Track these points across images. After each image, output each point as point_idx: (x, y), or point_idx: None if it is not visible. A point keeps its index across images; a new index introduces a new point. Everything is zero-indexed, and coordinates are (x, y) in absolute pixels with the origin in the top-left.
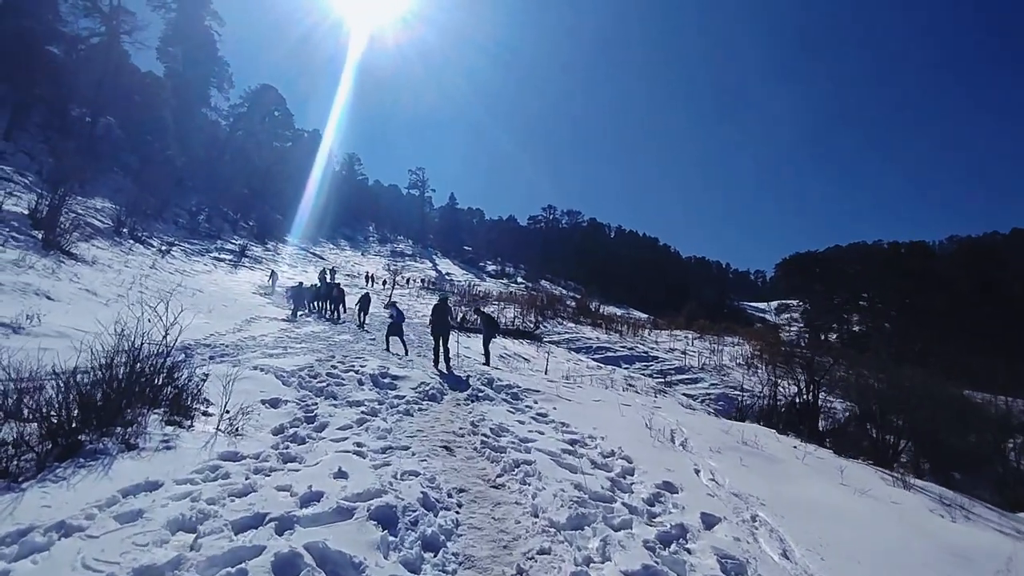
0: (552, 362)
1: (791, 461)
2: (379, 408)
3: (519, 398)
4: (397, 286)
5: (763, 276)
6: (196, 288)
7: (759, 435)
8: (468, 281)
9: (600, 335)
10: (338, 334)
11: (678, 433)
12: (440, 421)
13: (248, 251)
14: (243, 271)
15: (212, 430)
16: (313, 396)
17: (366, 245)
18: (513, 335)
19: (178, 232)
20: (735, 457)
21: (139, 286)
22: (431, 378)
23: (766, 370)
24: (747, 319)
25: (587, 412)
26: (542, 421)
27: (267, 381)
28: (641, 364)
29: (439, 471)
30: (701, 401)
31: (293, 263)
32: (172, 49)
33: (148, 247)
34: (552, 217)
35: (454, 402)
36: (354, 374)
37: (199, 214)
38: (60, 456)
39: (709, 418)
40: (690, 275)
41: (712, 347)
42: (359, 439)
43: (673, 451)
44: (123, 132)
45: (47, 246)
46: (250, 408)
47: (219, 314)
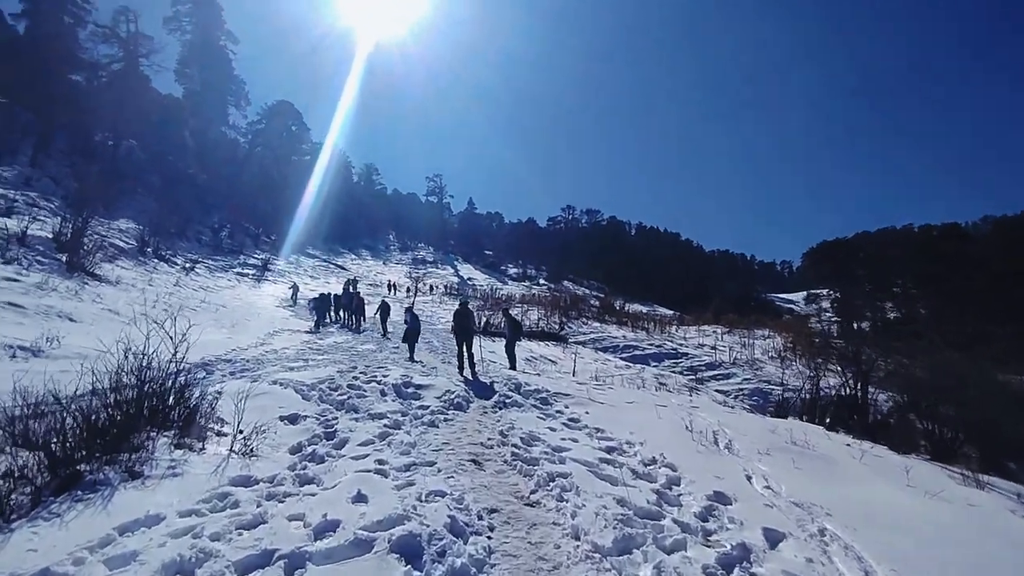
0: (579, 363)
1: (848, 461)
2: (402, 420)
3: (549, 403)
4: (420, 293)
5: (789, 267)
6: (219, 303)
7: (808, 433)
8: (490, 285)
9: (626, 333)
10: (361, 344)
11: (721, 434)
12: (467, 431)
13: (270, 265)
14: (266, 285)
15: (225, 452)
16: (333, 410)
17: (387, 254)
18: (538, 337)
19: (201, 249)
20: (786, 459)
21: (163, 304)
22: (456, 386)
23: (801, 362)
24: (775, 311)
25: (622, 415)
26: (575, 427)
27: (286, 396)
28: (670, 361)
29: (467, 489)
30: (734, 397)
31: (315, 275)
32: (189, 70)
33: (172, 265)
34: (571, 217)
35: (481, 410)
36: (376, 385)
37: (221, 230)
38: (58, 489)
39: (751, 416)
40: (714, 269)
41: (742, 341)
42: (381, 455)
43: (719, 455)
44: (145, 154)
45: (71, 268)
46: (266, 426)
47: (242, 328)
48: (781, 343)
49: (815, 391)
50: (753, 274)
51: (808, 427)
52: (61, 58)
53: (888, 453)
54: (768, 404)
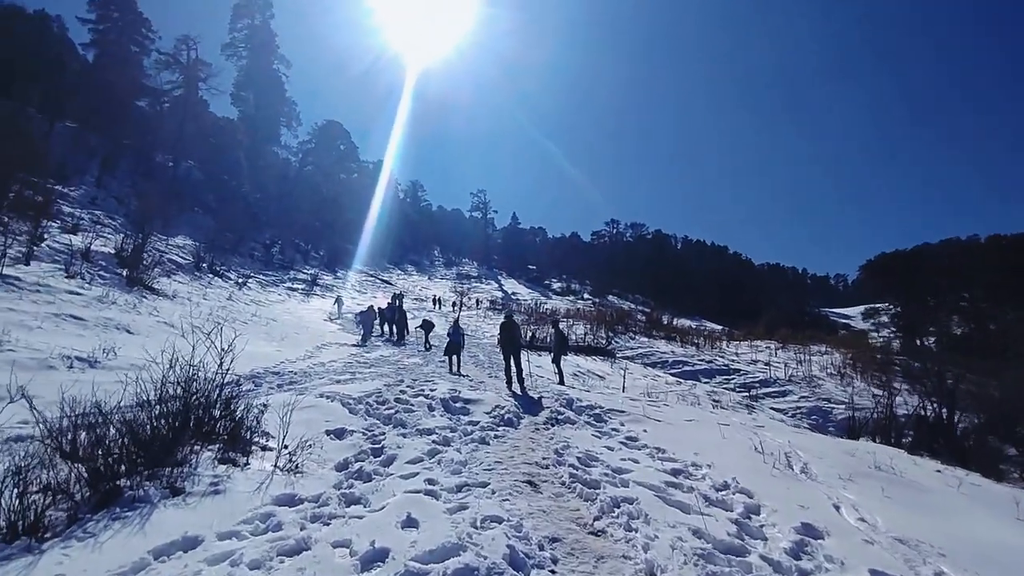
0: (629, 379)
1: (943, 490)
2: (451, 436)
3: (603, 420)
4: (464, 308)
5: (844, 281)
6: (270, 317)
7: (891, 457)
8: (534, 299)
9: (675, 349)
10: (407, 357)
11: (794, 457)
12: (519, 450)
13: (319, 280)
14: (315, 299)
15: (269, 468)
16: (381, 424)
17: (432, 269)
18: (584, 352)
19: (253, 265)
20: (874, 487)
21: (215, 317)
22: (505, 401)
23: (863, 380)
24: (830, 326)
25: (682, 434)
26: (633, 446)
27: (333, 409)
28: (722, 378)
29: (525, 514)
30: (791, 415)
31: (362, 289)
32: (244, 93)
33: (226, 280)
34: (616, 231)
35: (532, 427)
36: (424, 399)
37: (272, 247)
38: (97, 505)
39: (822, 437)
40: (764, 283)
41: (798, 357)
42: (431, 474)
43: (796, 480)
44: (202, 174)
45: (130, 283)
46: (313, 440)
47: (291, 341)
48: (840, 359)
49: (889, 411)
50: (805, 288)
51: (888, 450)
52: (127, 84)
53: (985, 481)
54: (828, 423)
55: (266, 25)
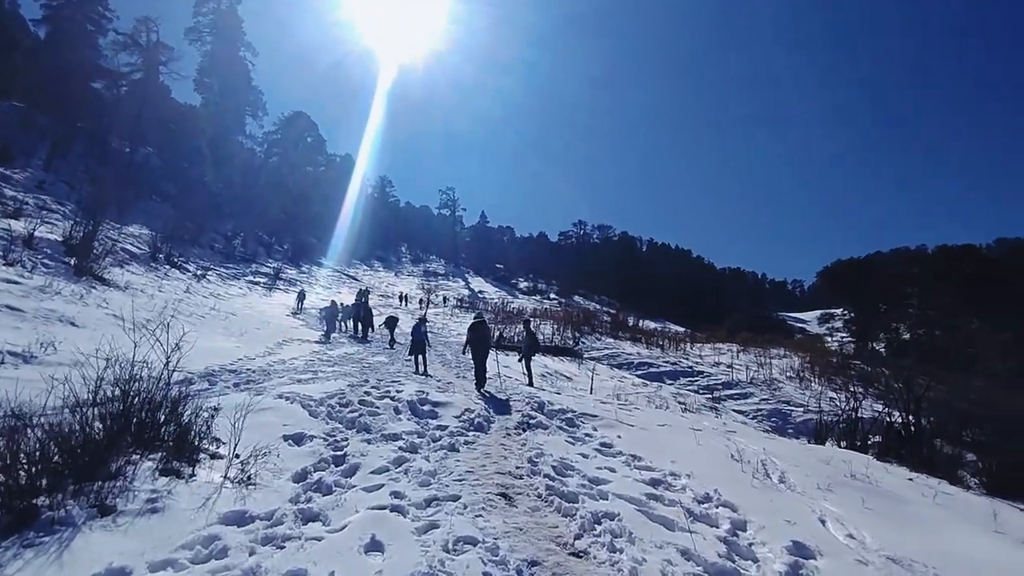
0: (596, 380)
1: (919, 501)
2: (419, 443)
3: (576, 424)
4: (431, 305)
5: (801, 286)
6: (229, 311)
7: (866, 465)
8: (501, 298)
9: (641, 350)
10: (372, 355)
11: (771, 465)
12: (491, 457)
13: (282, 274)
14: (278, 294)
15: (218, 479)
16: (344, 429)
17: (399, 266)
18: (552, 352)
19: (214, 257)
20: (853, 497)
21: (171, 310)
22: (475, 404)
23: (820, 383)
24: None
25: (657, 440)
26: (609, 453)
27: (292, 412)
28: (686, 380)
29: (500, 533)
30: (753, 417)
31: (327, 285)
32: (208, 80)
33: (184, 272)
34: (583, 232)
35: (503, 431)
36: (390, 401)
37: (234, 239)
38: (7, 529)
39: (796, 444)
40: (726, 286)
41: (758, 360)
42: (397, 486)
43: (778, 491)
44: (161, 161)
45: (79, 272)
46: (269, 447)
47: (251, 337)
48: (798, 363)
49: (854, 415)
50: (764, 292)
51: (859, 457)
52: (81, 65)
53: (954, 489)
54: (788, 425)
55: (232, 10)
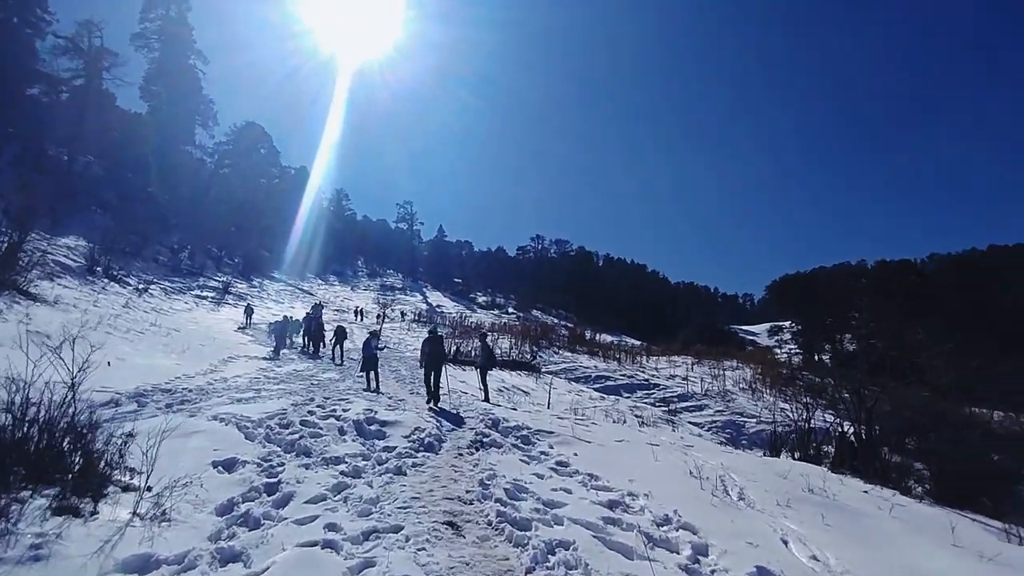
0: (553, 394)
1: (876, 515)
2: (363, 466)
3: (531, 442)
4: (388, 320)
5: (751, 299)
6: (172, 327)
7: (823, 479)
8: (459, 312)
9: (598, 364)
10: (322, 372)
11: (729, 481)
12: (440, 480)
13: (232, 288)
14: (226, 308)
15: (126, 516)
16: (281, 453)
17: (356, 280)
18: (509, 367)
19: (158, 270)
20: (813, 513)
21: (106, 326)
22: (426, 422)
23: (771, 394)
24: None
25: (614, 457)
26: (565, 473)
27: (225, 435)
28: (643, 392)
29: (444, 569)
30: (708, 429)
31: (280, 299)
32: (155, 87)
33: (124, 286)
34: (541, 247)
35: (455, 451)
36: (335, 421)
37: (181, 251)
38: None
39: (752, 458)
40: (680, 300)
41: (712, 372)
42: (333, 517)
43: (738, 510)
44: (102, 170)
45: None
46: (193, 475)
47: (193, 354)
48: (750, 374)
49: (807, 427)
50: (716, 306)
51: (814, 469)
52: (16, 69)
53: (907, 500)
54: (741, 436)
55: (182, 18)
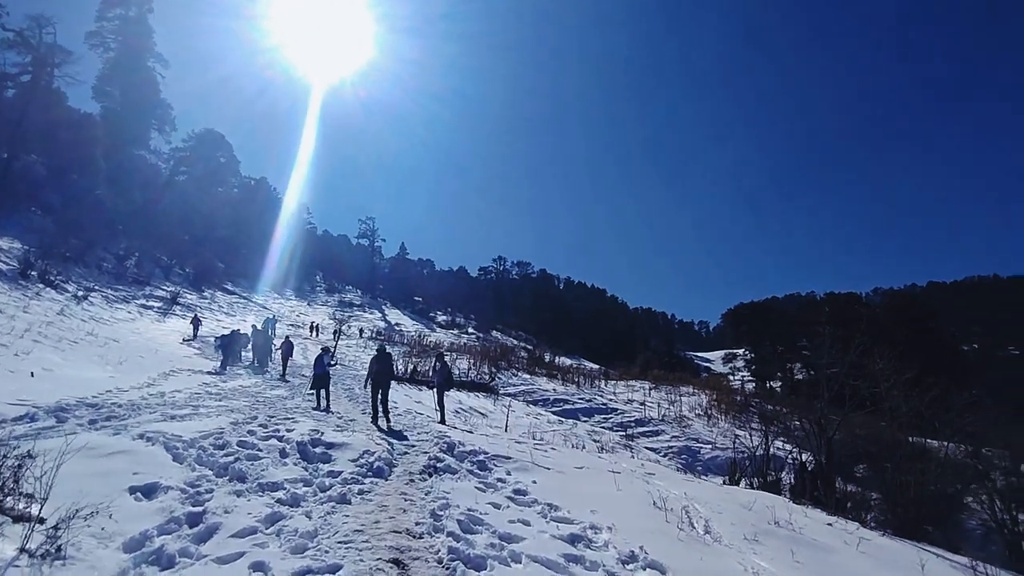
0: (511, 417)
1: (843, 550)
2: (303, 493)
3: (488, 468)
4: (344, 336)
5: (707, 327)
6: (111, 337)
7: (785, 511)
8: (418, 331)
9: (556, 387)
10: (270, 389)
11: (694, 512)
12: (388, 511)
13: (180, 298)
14: (173, 320)
15: (12, 553)
16: (212, 477)
17: (313, 295)
18: (467, 388)
19: (101, 277)
20: (782, 549)
21: (35, 334)
22: (377, 444)
23: (727, 420)
24: (695, 368)
25: (574, 485)
26: (523, 502)
27: (150, 456)
28: (600, 416)
29: None
30: (664, 455)
31: (232, 312)
32: (110, 88)
33: (62, 292)
34: (502, 268)
35: (406, 477)
36: (276, 442)
37: (128, 259)
38: None
39: (715, 487)
40: (637, 326)
41: (669, 397)
42: (262, 554)
43: (705, 545)
44: (46, 170)
45: None
46: (101, 505)
47: (132, 366)
48: (705, 401)
49: (766, 455)
50: (673, 332)
51: (776, 500)
52: None
53: (872, 534)
54: (697, 462)
55: (143, 19)
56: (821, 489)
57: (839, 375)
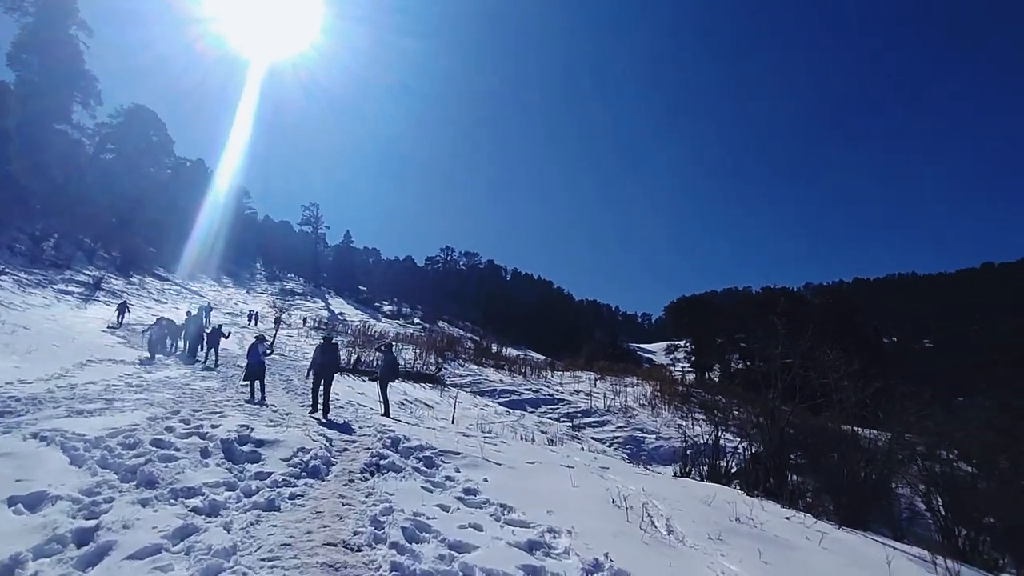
0: (459, 409)
1: (807, 547)
2: (224, 500)
3: (435, 465)
4: (285, 326)
5: (649, 319)
6: (20, 324)
7: (744, 506)
8: (363, 321)
9: (504, 377)
10: (200, 380)
11: (653, 509)
12: (323, 517)
13: (104, 284)
14: (96, 306)
15: None
16: (116, 483)
17: (253, 283)
18: (413, 379)
19: (13, 259)
20: (747, 549)
21: None
22: (313, 441)
23: (670, 411)
24: (637, 359)
25: (528, 483)
26: (474, 503)
27: (41, 459)
28: (547, 407)
29: None
30: (610, 444)
31: (163, 299)
32: (26, 56)
33: None
34: (450, 258)
35: (346, 477)
36: (199, 439)
37: (45, 240)
38: None
39: (671, 481)
40: (582, 317)
41: (614, 388)
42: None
43: (670, 547)
44: None
45: None
46: None
47: (42, 356)
48: (649, 391)
49: (715, 446)
50: (617, 324)
51: (733, 494)
52: None
53: (829, 527)
54: (642, 452)
55: None
56: (773, 481)
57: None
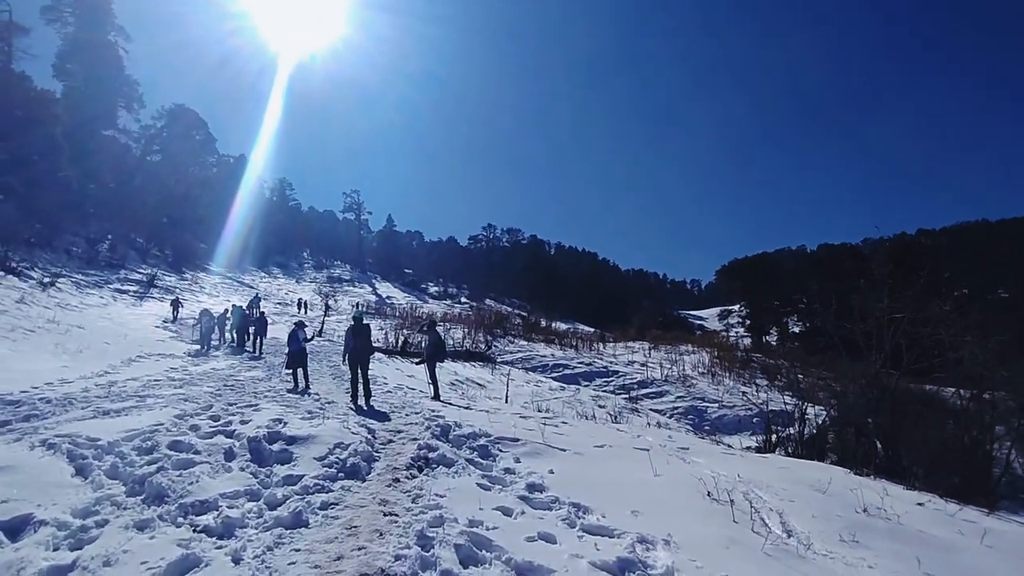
0: (511, 386)
1: (968, 546)
2: (241, 516)
3: (491, 455)
4: (331, 312)
5: (699, 285)
6: (76, 324)
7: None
8: (410, 303)
9: (555, 352)
10: (246, 370)
11: (758, 502)
12: (359, 535)
13: (158, 281)
14: (151, 303)
15: None
16: (120, 498)
17: (301, 272)
18: (463, 358)
19: (70, 262)
20: (897, 554)
21: None
22: (352, 435)
23: (731, 378)
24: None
25: (601, 473)
26: (541, 504)
27: (41, 472)
28: (601, 380)
29: None
30: (671, 416)
31: (215, 293)
32: (71, 65)
33: (25, 279)
34: (493, 236)
35: (389, 476)
36: (224, 439)
37: (100, 242)
38: None
39: (766, 463)
40: (629, 287)
41: (670, 357)
42: None
43: (800, 559)
44: (6, 153)
45: None
46: None
47: (92, 354)
48: (707, 359)
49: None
50: (665, 292)
51: (846, 476)
52: None
53: (981, 516)
54: (704, 422)
55: None
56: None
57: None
